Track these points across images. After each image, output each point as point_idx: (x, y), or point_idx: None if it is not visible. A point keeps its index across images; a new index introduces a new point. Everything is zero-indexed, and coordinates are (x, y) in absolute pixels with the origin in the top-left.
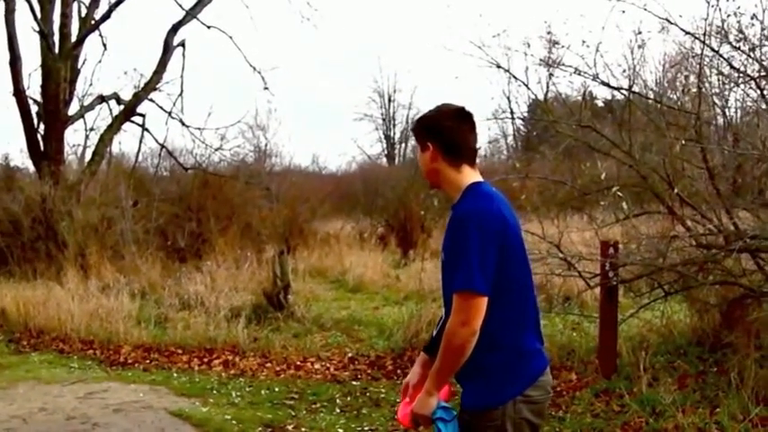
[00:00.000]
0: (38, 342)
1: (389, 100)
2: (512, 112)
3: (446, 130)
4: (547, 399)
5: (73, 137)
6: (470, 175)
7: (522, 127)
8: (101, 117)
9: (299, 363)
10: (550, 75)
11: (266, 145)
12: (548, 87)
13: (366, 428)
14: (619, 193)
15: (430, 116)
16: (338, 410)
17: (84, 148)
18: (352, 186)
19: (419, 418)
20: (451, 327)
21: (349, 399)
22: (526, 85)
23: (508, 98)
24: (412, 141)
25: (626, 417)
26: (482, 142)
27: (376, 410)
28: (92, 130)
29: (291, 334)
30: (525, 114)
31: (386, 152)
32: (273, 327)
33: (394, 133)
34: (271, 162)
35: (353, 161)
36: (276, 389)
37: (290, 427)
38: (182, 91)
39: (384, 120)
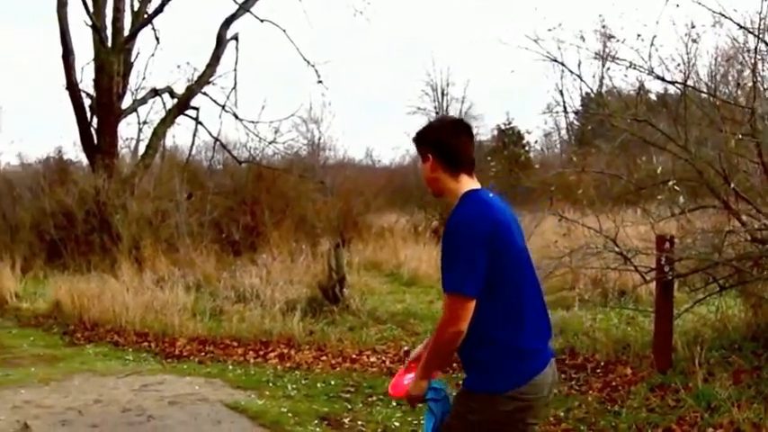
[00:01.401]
0: (92, 334)
1: (443, 93)
2: (564, 107)
3: (445, 141)
4: (541, 399)
5: (126, 130)
6: (468, 184)
7: (575, 121)
8: (154, 111)
9: (354, 356)
10: (607, 69)
11: (320, 138)
12: (602, 81)
13: (422, 422)
14: (675, 187)
15: (430, 128)
16: (394, 404)
17: (138, 141)
18: (406, 179)
19: (413, 398)
20: (440, 325)
21: None
22: (582, 79)
23: (561, 92)
24: None
25: (681, 412)
26: (537, 135)
27: None
28: (145, 123)
29: (347, 327)
30: (579, 108)
31: None
32: (329, 320)
33: None
34: (324, 155)
35: (407, 154)
36: (332, 382)
37: (346, 420)
38: (235, 84)
39: (437, 113)
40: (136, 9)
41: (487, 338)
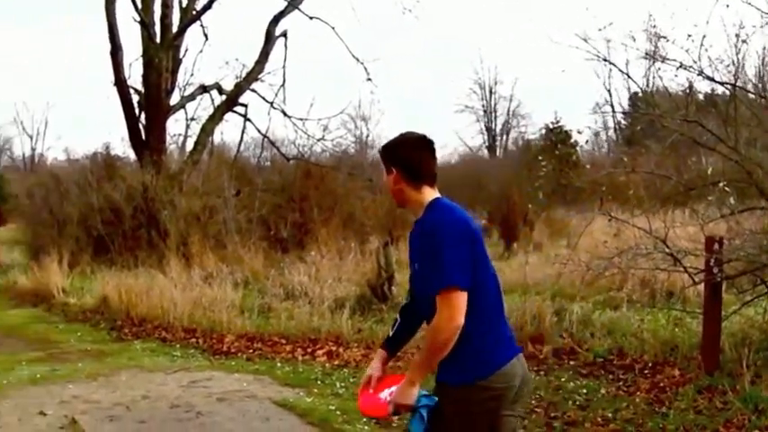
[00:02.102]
0: (140, 330)
1: (490, 92)
2: (612, 106)
3: (408, 157)
4: (511, 389)
5: (173, 126)
6: (430, 194)
7: (623, 120)
8: (201, 107)
9: (400, 354)
10: (657, 69)
11: (368, 136)
12: (650, 81)
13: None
14: (726, 188)
15: (394, 144)
16: None
17: (185, 137)
18: (455, 178)
19: (401, 407)
20: (438, 323)
21: None
22: (632, 79)
23: (609, 91)
24: (513, 134)
25: (729, 414)
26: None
27: None
28: (192, 119)
29: None
30: (627, 108)
31: (487, 144)
32: (377, 318)
33: (495, 125)
34: (373, 153)
35: (455, 152)
36: None
37: (394, 419)
38: (284, 81)
39: (485, 111)
40: (184, 5)
41: (468, 330)
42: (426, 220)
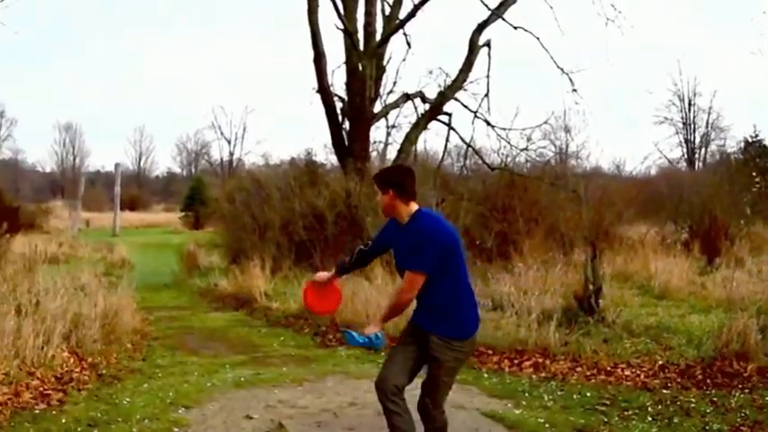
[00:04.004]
0: (342, 336)
1: (689, 104)
2: None
3: (400, 181)
4: (471, 348)
5: (373, 134)
6: (414, 206)
7: None
8: (402, 114)
9: (609, 368)
10: None
11: (567, 146)
12: None
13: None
14: None
15: (388, 173)
16: (650, 418)
17: (386, 144)
18: (656, 190)
19: (361, 331)
20: (400, 291)
21: (660, 407)
22: None
23: None
24: (712, 146)
25: None
26: None
27: (687, 420)
28: (393, 127)
29: (601, 339)
30: None
31: (686, 156)
32: (584, 331)
33: (694, 138)
34: (574, 164)
35: (654, 165)
36: (587, 393)
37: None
38: (488, 91)
39: (684, 123)
40: (387, 13)
41: (456, 300)
42: (418, 225)
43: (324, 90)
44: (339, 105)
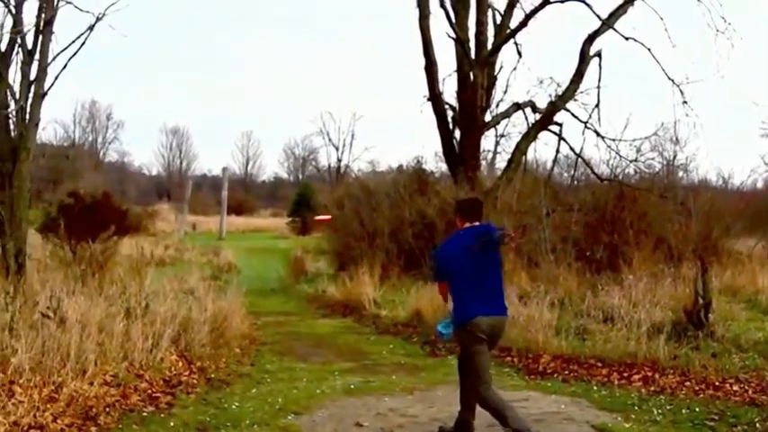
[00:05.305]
0: (453, 346)
1: None
2: None
3: (462, 210)
4: (478, 330)
5: (482, 142)
6: (465, 225)
7: None
8: (511, 124)
9: (717, 383)
10: None
11: (676, 158)
12: None
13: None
14: None
15: (457, 204)
16: None
17: (495, 153)
18: (764, 204)
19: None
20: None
21: None
22: None
23: None
24: None
25: None
26: None
27: None
28: (502, 136)
29: (709, 353)
30: None
31: None
32: (693, 345)
33: None
34: (683, 176)
35: (760, 177)
36: (696, 408)
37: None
38: (598, 102)
39: None
40: (498, 22)
41: (457, 298)
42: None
43: (435, 98)
44: (450, 114)
